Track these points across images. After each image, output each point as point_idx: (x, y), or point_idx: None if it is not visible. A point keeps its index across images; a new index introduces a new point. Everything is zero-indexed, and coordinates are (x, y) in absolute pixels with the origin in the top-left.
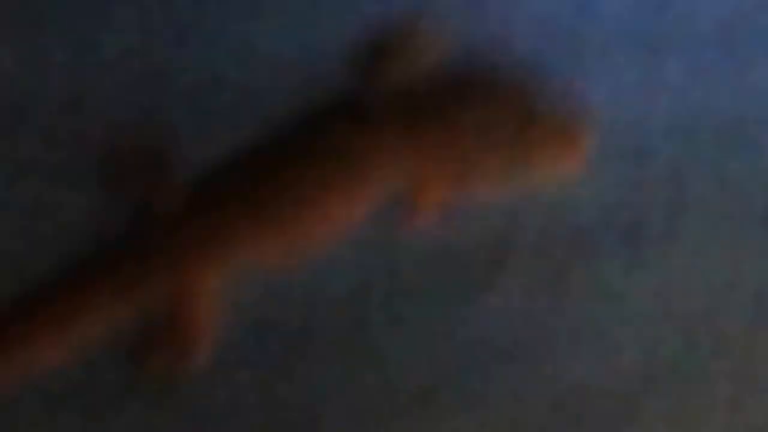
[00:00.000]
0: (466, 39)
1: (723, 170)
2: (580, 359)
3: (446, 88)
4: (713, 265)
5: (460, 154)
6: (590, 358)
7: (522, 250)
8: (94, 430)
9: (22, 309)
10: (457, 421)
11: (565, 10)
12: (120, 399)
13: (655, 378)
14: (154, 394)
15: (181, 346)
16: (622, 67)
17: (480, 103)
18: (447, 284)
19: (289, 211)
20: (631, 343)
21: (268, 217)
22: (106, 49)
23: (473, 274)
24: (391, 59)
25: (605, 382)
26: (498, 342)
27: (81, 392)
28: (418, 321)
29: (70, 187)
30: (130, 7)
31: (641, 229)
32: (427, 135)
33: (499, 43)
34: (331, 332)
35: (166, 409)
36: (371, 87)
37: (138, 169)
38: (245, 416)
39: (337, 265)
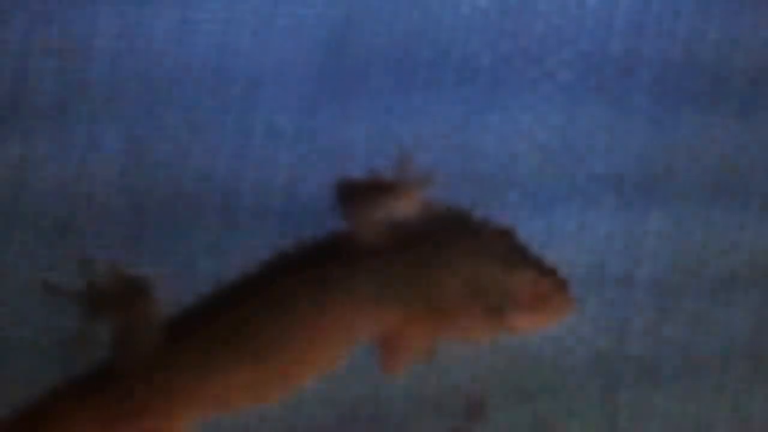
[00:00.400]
0: (448, 189)
1: (703, 323)
2: None
3: (431, 232)
4: (691, 413)
5: (443, 298)
6: None
7: (501, 398)
8: None
9: None
10: None
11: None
12: None
13: None
14: None
15: None
16: (605, 217)
17: (464, 249)
18: (423, 425)
19: (266, 354)
20: None
21: (244, 360)
22: (90, 180)
23: (451, 422)
24: (377, 200)
25: None
26: None
27: None
28: None
29: (44, 316)
30: (119, 138)
31: (621, 378)
32: (411, 277)
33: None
34: None
35: None
36: (357, 227)
37: (116, 301)
38: None
39: (313, 405)
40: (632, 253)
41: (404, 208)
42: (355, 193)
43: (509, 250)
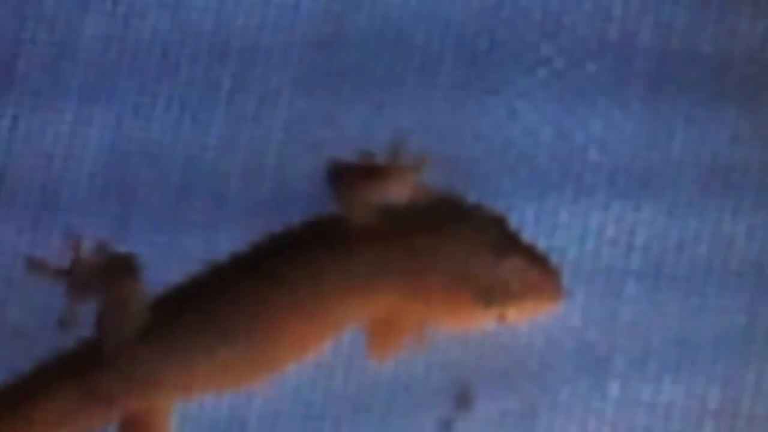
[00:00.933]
0: (441, 174)
1: (694, 314)
2: None
3: (423, 217)
4: (679, 404)
5: (433, 284)
6: None
7: (488, 387)
8: None
9: None
10: None
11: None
12: None
13: None
14: None
15: None
16: (598, 206)
17: (456, 235)
18: (409, 416)
19: (253, 336)
20: None
21: (230, 341)
22: (78, 156)
23: (438, 410)
24: (369, 184)
25: None
26: None
27: None
28: None
29: (30, 293)
30: (109, 114)
31: (609, 369)
32: (402, 262)
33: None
34: None
35: None
36: (348, 211)
37: (102, 279)
38: None
39: (299, 392)
40: (624, 242)
41: (396, 192)
42: (347, 176)
43: (501, 237)
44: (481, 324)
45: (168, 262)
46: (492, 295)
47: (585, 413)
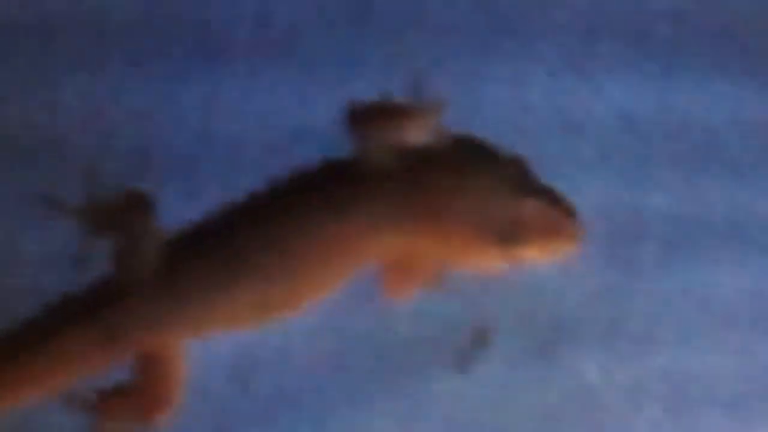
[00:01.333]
0: (460, 115)
1: (709, 263)
2: None
3: (442, 158)
4: (698, 346)
5: (451, 225)
6: None
7: (506, 327)
8: None
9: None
10: None
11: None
12: None
13: None
14: None
15: (144, 408)
16: (618, 148)
17: (474, 176)
18: (425, 357)
19: (270, 274)
20: None
21: (247, 279)
22: (97, 94)
23: (454, 351)
24: (389, 123)
25: None
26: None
27: None
28: (400, 392)
29: (48, 230)
30: (126, 56)
31: (628, 309)
32: (421, 202)
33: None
34: (302, 400)
35: None
36: (367, 151)
37: (119, 217)
38: None
39: (314, 331)
40: (643, 184)
41: (416, 132)
42: (367, 117)
43: (520, 178)
44: (500, 264)
45: (185, 201)
46: (511, 235)
47: (604, 352)
